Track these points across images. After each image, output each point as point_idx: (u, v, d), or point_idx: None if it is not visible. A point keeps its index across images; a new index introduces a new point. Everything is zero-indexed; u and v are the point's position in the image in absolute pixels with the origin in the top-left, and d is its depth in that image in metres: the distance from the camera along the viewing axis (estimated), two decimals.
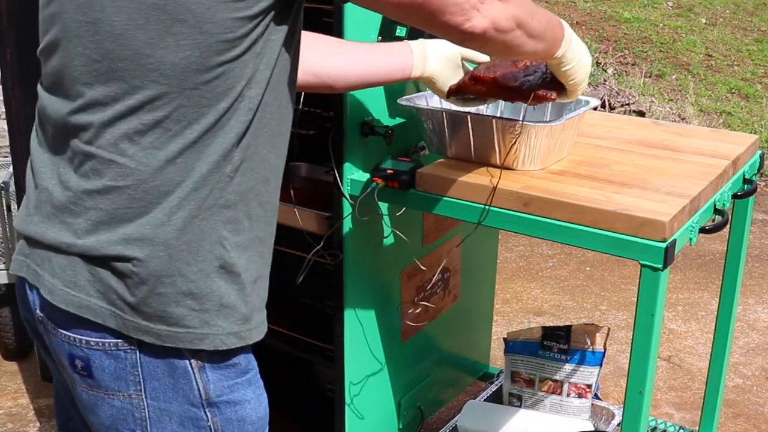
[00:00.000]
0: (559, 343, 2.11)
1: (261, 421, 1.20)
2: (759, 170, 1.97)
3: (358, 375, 1.97)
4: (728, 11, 7.60)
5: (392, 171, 1.70)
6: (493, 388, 2.29)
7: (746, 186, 1.87)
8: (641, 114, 5.50)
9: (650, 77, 6.19)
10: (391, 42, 1.67)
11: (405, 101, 1.78)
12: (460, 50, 1.67)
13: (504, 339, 2.22)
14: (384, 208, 1.86)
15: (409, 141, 1.89)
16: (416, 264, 2.01)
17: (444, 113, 1.71)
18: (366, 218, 1.80)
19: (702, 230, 1.59)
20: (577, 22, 6.91)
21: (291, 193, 1.85)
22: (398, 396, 2.14)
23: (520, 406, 2.19)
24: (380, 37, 1.76)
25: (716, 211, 1.68)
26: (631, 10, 7.26)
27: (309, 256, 1.80)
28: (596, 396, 2.22)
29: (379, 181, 1.70)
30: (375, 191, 1.71)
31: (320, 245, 1.81)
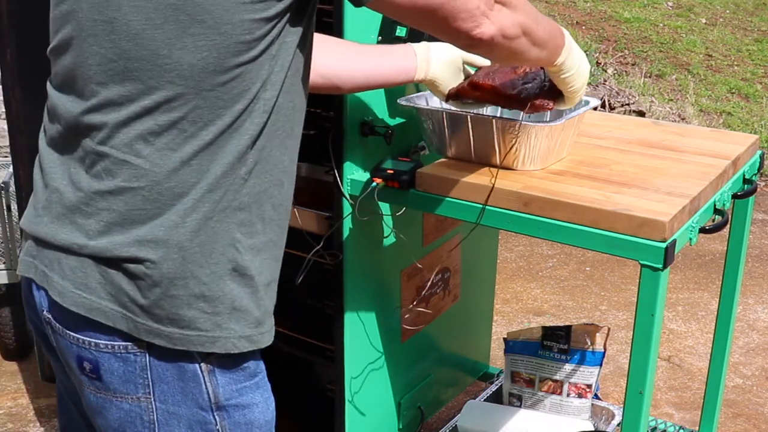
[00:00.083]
0: (559, 343, 2.11)
1: (268, 425, 1.20)
2: (759, 170, 1.97)
3: (358, 375, 1.97)
4: (728, 11, 7.60)
5: (392, 171, 1.70)
6: (493, 388, 2.29)
7: (746, 186, 1.87)
8: (641, 114, 5.50)
9: (650, 77, 6.19)
10: (395, 44, 1.67)
11: (405, 101, 1.78)
12: (462, 54, 1.68)
13: (504, 339, 2.22)
14: (384, 208, 1.86)
15: (409, 141, 1.89)
16: (415, 265, 2.01)
17: (444, 113, 1.71)
18: (366, 218, 1.80)
19: (702, 230, 1.59)
20: (577, 22, 6.91)
21: None
22: (398, 396, 2.14)
23: (520, 406, 2.19)
24: (380, 38, 1.76)
25: (716, 211, 1.68)
26: (631, 10, 7.26)
27: (309, 256, 1.80)
28: (596, 396, 2.22)
29: (379, 181, 1.70)
30: (375, 191, 1.71)
31: (320, 245, 1.81)
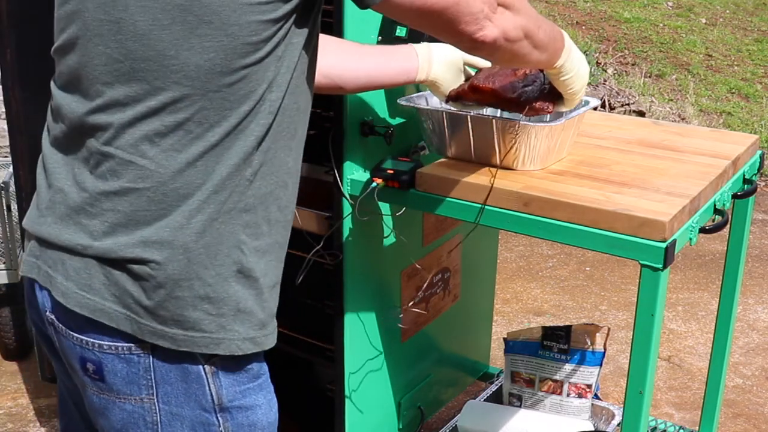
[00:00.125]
0: (559, 343, 2.11)
1: (271, 426, 1.20)
2: (759, 170, 1.97)
3: (358, 375, 1.97)
4: (728, 11, 7.60)
5: (392, 171, 1.70)
6: (493, 388, 2.29)
7: (746, 186, 1.87)
8: (641, 114, 5.49)
9: (650, 77, 6.19)
10: (397, 45, 1.67)
11: (405, 101, 1.78)
12: (463, 55, 1.69)
13: (504, 339, 2.22)
14: (384, 208, 1.86)
15: (409, 141, 1.89)
16: (415, 265, 2.01)
17: (444, 113, 1.71)
18: (366, 218, 1.80)
19: (702, 230, 1.59)
20: (577, 22, 6.91)
21: None
22: (398, 396, 2.14)
23: (520, 406, 2.19)
24: (380, 38, 1.76)
25: (716, 211, 1.68)
26: (631, 10, 7.26)
27: (309, 256, 1.80)
28: (596, 396, 2.22)
29: (379, 181, 1.70)
30: (375, 191, 1.71)
31: (320, 245, 1.81)
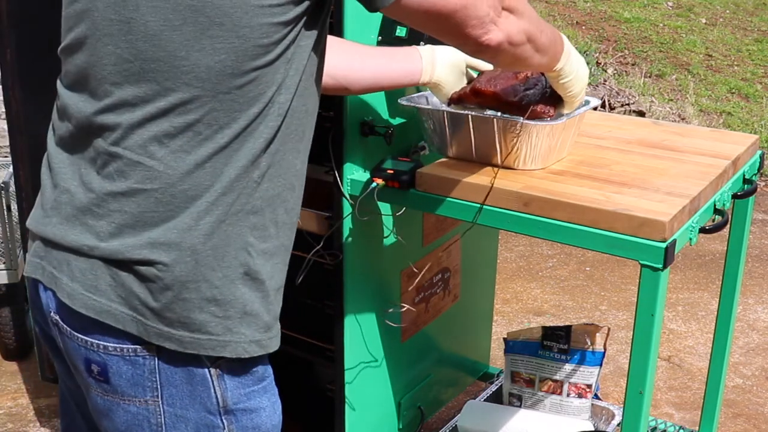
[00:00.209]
0: (559, 343, 2.11)
1: (275, 429, 1.20)
2: (759, 170, 1.97)
3: (358, 375, 1.97)
4: (728, 11, 7.60)
5: (392, 171, 1.70)
6: (493, 388, 2.29)
7: (746, 186, 1.87)
8: (641, 114, 5.49)
9: (650, 77, 6.19)
10: (401, 47, 1.68)
11: (406, 101, 1.78)
12: (466, 58, 1.70)
13: (504, 339, 2.22)
14: (384, 208, 1.86)
15: (409, 141, 1.89)
16: (415, 265, 2.01)
17: (445, 113, 1.71)
18: (366, 218, 1.80)
19: (702, 230, 1.59)
20: (577, 22, 6.91)
21: None
22: (398, 396, 2.14)
23: (520, 406, 2.19)
24: (380, 38, 1.76)
25: (716, 211, 1.68)
26: (631, 10, 7.26)
27: (309, 256, 1.80)
28: (596, 396, 2.22)
29: (379, 181, 1.70)
30: (375, 191, 1.71)
31: (320, 245, 1.81)
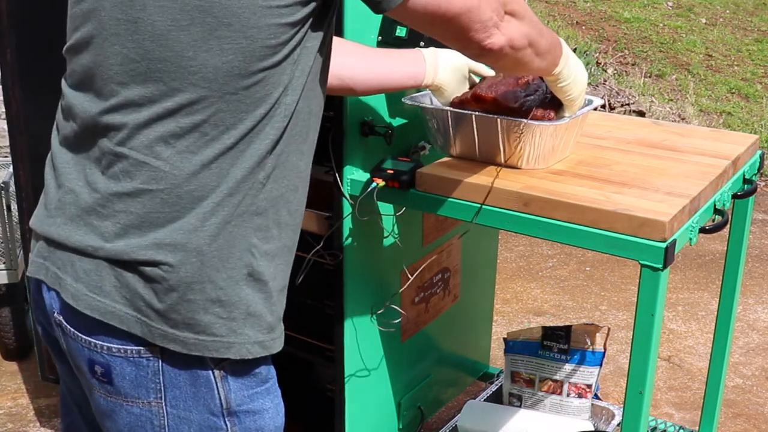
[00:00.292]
0: (559, 343, 2.11)
1: (278, 431, 1.20)
2: (759, 170, 1.97)
3: (358, 375, 1.97)
4: (728, 11, 7.60)
5: (392, 171, 1.70)
6: (493, 388, 2.29)
7: (746, 186, 1.87)
8: (641, 114, 5.49)
9: (650, 77, 6.19)
10: (405, 49, 1.69)
11: (409, 100, 1.78)
12: (468, 62, 1.70)
13: (504, 339, 2.22)
14: (384, 208, 1.86)
15: (410, 141, 1.89)
16: (415, 265, 2.01)
17: (448, 112, 1.71)
18: (366, 218, 1.80)
19: (702, 230, 1.59)
20: (577, 22, 6.91)
21: None
22: (398, 396, 2.14)
23: (520, 406, 2.19)
24: (380, 38, 1.76)
25: (716, 211, 1.68)
26: (631, 10, 7.26)
27: (309, 256, 1.80)
28: (596, 396, 2.22)
29: (379, 181, 1.70)
30: (375, 191, 1.71)
31: (320, 245, 1.81)
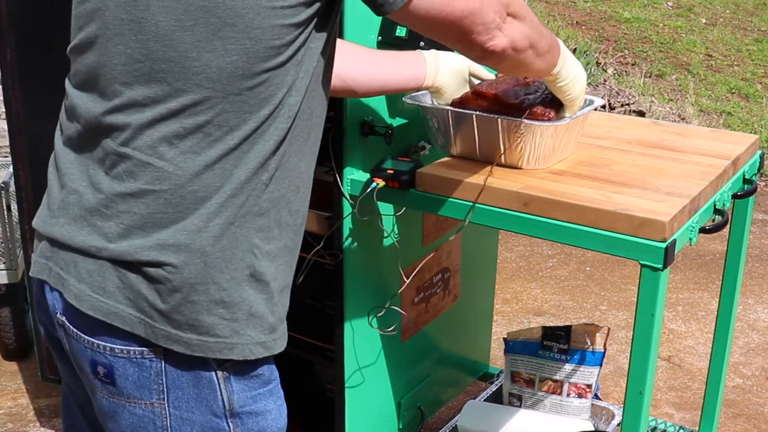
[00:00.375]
0: (559, 343, 2.11)
1: None
2: (759, 170, 1.97)
3: (358, 375, 1.97)
4: (728, 11, 7.60)
5: (392, 171, 1.70)
6: (493, 388, 2.29)
7: (746, 186, 1.87)
8: (641, 114, 5.49)
9: (650, 77, 6.19)
10: (406, 51, 1.69)
11: (410, 100, 1.78)
12: (469, 64, 1.71)
13: (504, 339, 2.22)
14: (384, 208, 1.86)
15: (410, 141, 1.89)
16: (415, 265, 2.01)
17: (449, 111, 1.71)
18: (366, 218, 1.80)
19: (702, 230, 1.59)
20: (577, 22, 6.91)
21: None
22: (398, 396, 2.14)
23: (520, 406, 2.19)
24: (380, 38, 1.76)
25: (716, 211, 1.68)
26: (631, 10, 7.26)
27: (309, 256, 1.80)
28: (596, 396, 2.22)
29: (379, 181, 1.70)
30: (375, 191, 1.71)
31: (320, 245, 1.81)
